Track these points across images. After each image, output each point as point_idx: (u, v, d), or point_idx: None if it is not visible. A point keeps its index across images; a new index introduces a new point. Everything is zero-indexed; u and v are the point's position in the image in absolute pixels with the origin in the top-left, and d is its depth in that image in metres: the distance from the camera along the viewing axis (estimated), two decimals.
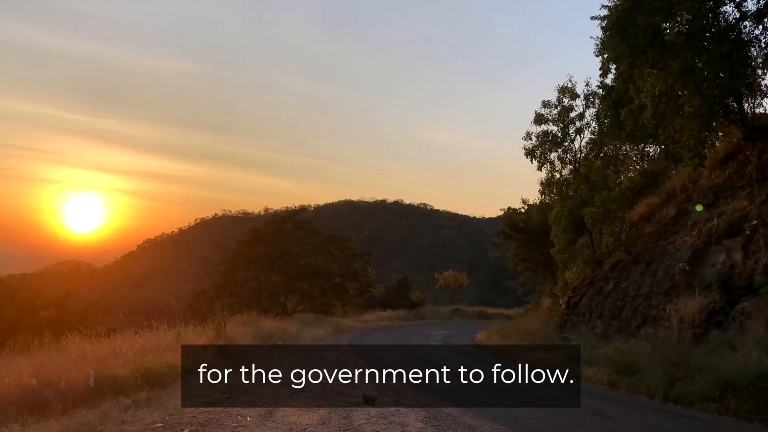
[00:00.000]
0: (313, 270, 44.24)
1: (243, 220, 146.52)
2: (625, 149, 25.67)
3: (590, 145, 23.70)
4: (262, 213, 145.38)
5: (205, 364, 12.91)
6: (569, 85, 23.36)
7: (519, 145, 26.30)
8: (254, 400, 9.70)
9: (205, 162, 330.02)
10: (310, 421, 8.11)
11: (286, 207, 65.01)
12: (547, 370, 16.68)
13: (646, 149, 25.28)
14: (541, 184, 24.89)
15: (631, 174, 25.08)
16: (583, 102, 23.30)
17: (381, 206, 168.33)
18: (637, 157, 26.21)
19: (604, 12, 15.90)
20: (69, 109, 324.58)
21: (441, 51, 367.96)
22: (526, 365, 18.09)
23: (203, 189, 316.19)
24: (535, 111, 23.84)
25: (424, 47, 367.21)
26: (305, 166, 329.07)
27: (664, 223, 17.60)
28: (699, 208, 15.59)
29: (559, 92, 23.52)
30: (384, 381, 13.21)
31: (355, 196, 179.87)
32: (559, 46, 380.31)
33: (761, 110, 16.43)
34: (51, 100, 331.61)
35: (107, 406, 8.08)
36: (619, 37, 15.27)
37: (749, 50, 14.35)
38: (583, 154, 23.68)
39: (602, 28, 16.14)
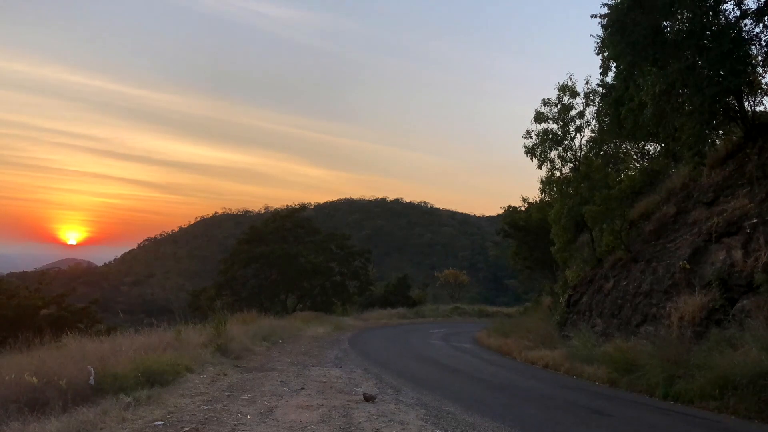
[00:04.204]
0: (313, 268, 44.26)
1: (243, 218, 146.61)
2: (626, 147, 25.70)
3: (590, 144, 23.70)
4: (262, 211, 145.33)
5: (206, 362, 12.99)
6: (569, 83, 23.38)
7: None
8: (254, 397, 9.70)
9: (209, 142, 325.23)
10: (310, 419, 8.12)
11: (287, 205, 64.95)
12: (548, 368, 16.76)
13: (646, 147, 25.30)
14: (541, 182, 24.92)
15: (631, 172, 25.10)
16: (584, 100, 23.31)
17: (381, 204, 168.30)
18: (637, 156, 26.25)
19: (605, 10, 15.90)
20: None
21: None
22: (527, 363, 18.21)
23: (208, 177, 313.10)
24: (535, 109, 23.87)
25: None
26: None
27: (665, 221, 17.60)
28: None
29: (559, 90, 23.53)
30: (384, 379, 13.26)
31: (355, 195, 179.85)
32: (556, 46, 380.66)
33: (762, 108, 16.43)
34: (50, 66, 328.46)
35: (108, 404, 8.07)
36: (620, 35, 15.25)
37: (750, 48, 14.33)
38: (583, 153, 23.68)
39: (602, 26, 16.13)
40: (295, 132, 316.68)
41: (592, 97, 23.07)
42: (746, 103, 15.79)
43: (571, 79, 23.36)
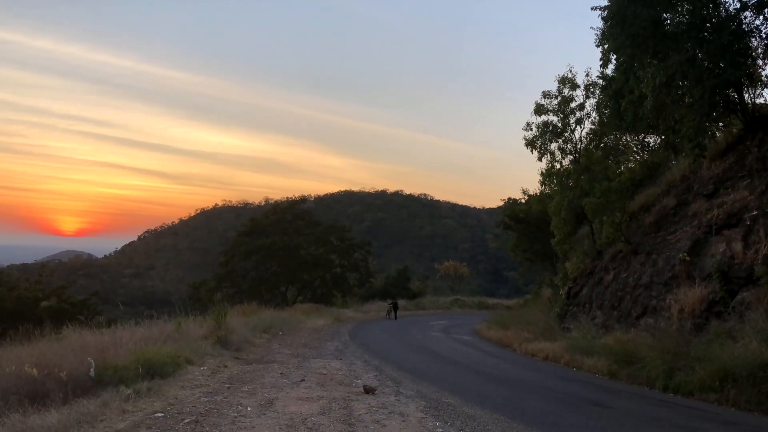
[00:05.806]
0: (313, 260, 44.31)
1: (243, 210, 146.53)
2: (626, 140, 25.65)
3: (590, 136, 23.67)
4: (263, 203, 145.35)
5: (206, 354, 13.01)
6: (569, 76, 23.31)
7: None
8: (255, 389, 9.73)
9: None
10: (310, 410, 8.14)
11: (287, 197, 64.94)
12: (548, 360, 16.80)
13: (646, 140, 25.26)
14: (542, 174, 24.90)
15: (631, 164, 25.07)
16: (584, 92, 23.26)
17: (381, 196, 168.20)
18: (637, 148, 26.21)
19: (605, 2, 15.84)
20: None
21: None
22: (526, 355, 18.25)
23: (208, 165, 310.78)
24: (536, 101, 23.82)
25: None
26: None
27: (665, 213, 17.59)
28: None
29: (559, 83, 23.47)
30: (384, 371, 13.28)
31: (355, 187, 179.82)
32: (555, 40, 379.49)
33: (761, 100, 16.41)
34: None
35: (108, 395, 8.08)
36: (620, 28, 15.20)
37: (750, 41, 14.29)
38: (583, 145, 23.65)
39: (603, 18, 16.08)
40: (307, 114, 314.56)
41: (592, 89, 23.03)
42: (746, 96, 15.76)
43: (571, 71, 23.32)
